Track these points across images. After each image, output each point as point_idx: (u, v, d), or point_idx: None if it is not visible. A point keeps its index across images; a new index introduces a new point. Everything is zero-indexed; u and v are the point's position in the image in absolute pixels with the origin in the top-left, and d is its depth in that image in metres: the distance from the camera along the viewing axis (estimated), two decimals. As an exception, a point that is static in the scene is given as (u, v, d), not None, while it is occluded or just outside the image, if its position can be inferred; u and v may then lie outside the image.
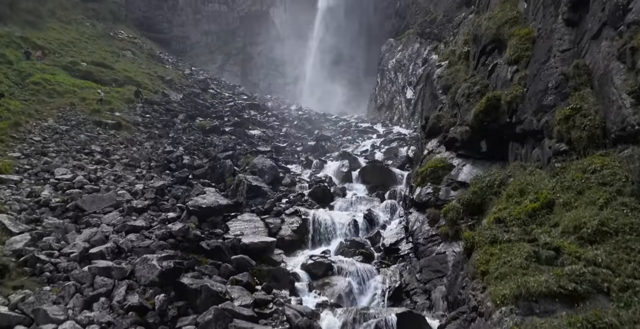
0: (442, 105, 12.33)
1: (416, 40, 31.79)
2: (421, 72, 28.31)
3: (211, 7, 57.65)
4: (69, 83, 17.37)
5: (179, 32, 55.13)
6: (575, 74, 7.90)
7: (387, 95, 33.38)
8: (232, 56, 56.36)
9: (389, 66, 34.25)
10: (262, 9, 58.94)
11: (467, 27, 13.54)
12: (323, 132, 22.00)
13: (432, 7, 31.67)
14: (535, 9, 10.35)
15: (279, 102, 33.59)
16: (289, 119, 24.69)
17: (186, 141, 15.84)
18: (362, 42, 49.94)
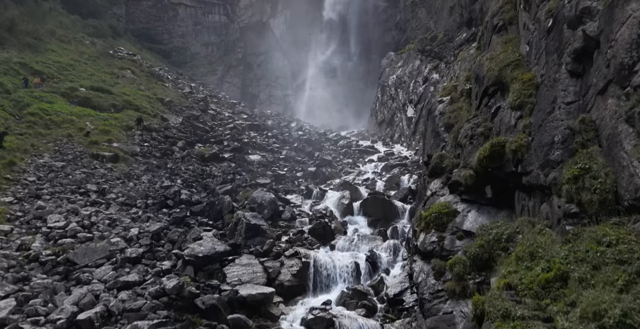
0: (445, 143, 12.07)
1: (417, 56, 31.73)
2: (422, 90, 28.17)
3: (211, 18, 58.00)
4: (67, 111, 17.20)
5: (179, 43, 55.39)
6: (582, 129, 7.66)
7: (387, 111, 33.21)
8: (232, 67, 56.51)
9: (390, 82, 34.15)
10: (262, 20, 59.25)
11: (468, 63, 13.37)
12: (324, 156, 21.73)
13: (433, 25, 31.66)
14: (538, 53, 10.16)
15: (279, 119, 33.42)
16: (289, 140, 24.45)
17: (184, 172, 15.59)
18: (362, 53, 50.07)
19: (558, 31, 9.49)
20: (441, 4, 30.33)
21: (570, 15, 8.92)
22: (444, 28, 28.48)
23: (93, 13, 37.99)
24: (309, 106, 51.33)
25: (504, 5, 12.07)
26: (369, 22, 49.62)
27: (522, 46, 11.13)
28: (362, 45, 50.25)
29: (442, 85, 24.00)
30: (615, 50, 7.11)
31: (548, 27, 9.99)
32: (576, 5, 8.71)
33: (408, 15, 39.26)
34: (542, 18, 10.28)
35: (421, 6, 35.96)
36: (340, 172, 19.70)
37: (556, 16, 9.64)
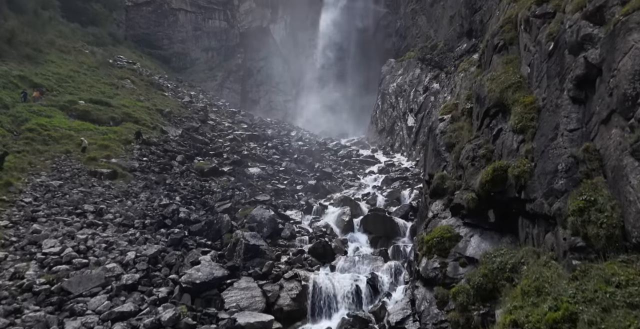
0: (446, 163, 11.91)
1: (417, 65, 31.65)
2: (422, 100, 28.05)
3: (211, 24, 58.14)
4: (66, 126, 17.10)
5: (179, 49, 55.50)
6: (586, 158, 7.52)
7: (387, 120, 33.09)
8: (232, 73, 56.56)
9: (390, 90, 34.06)
10: (262, 25, 59.37)
11: (469, 81, 13.24)
12: (324, 168, 21.57)
13: (433, 33, 31.60)
14: (539, 76, 10.04)
15: (279, 128, 33.28)
16: (289, 151, 24.31)
17: (183, 188, 15.44)
18: (362, 58, 50.05)
19: (559, 56, 9.38)
20: (441, 13, 30.28)
21: (572, 41, 8.81)
22: (444, 37, 28.41)
23: (93, 21, 38.04)
24: (309, 112, 51.27)
25: (504, 25, 11.97)
26: (370, 28, 49.66)
27: (523, 67, 11.01)
28: (363, 51, 50.24)
29: (443, 99, 23.92)
30: (618, 80, 6.98)
31: (549, 50, 9.88)
32: (577, 31, 8.61)
33: (408, 23, 39.26)
34: (543, 41, 10.17)
35: (421, 14, 35.95)
36: (341, 185, 19.53)
37: (557, 40, 9.53)
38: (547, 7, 10.56)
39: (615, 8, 7.99)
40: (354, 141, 35.28)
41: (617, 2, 8.00)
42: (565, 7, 9.96)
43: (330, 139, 34.44)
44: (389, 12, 47.18)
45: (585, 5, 9.02)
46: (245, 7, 58.97)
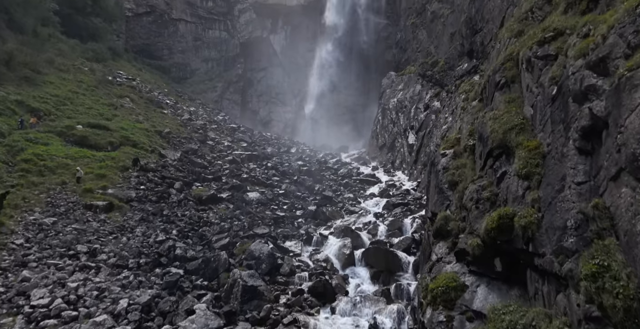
0: (449, 202, 11.63)
1: (417, 81, 31.50)
2: (423, 117, 27.85)
3: (212, 34, 58.32)
4: (62, 154, 16.87)
5: (179, 59, 55.65)
6: (596, 216, 7.22)
7: (388, 136, 32.87)
8: (233, 84, 56.59)
9: (390, 106, 33.88)
10: (262, 35, 59.54)
11: (471, 116, 12.99)
12: (324, 191, 21.28)
13: (433, 49, 31.50)
14: (543, 120, 9.80)
15: (279, 145, 33.06)
16: (289, 171, 24.05)
17: (180, 219, 15.15)
18: (362, 69, 50.04)
19: (563, 102, 9.14)
20: (442, 30, 30.21)
21: (575, 89, 8.58)
22: (445, 54, 28.28)
23: (93, 35, 38.08)
24: (310, 123, 51.18)
25: (506, 62, 11.76)
26: (370, 39, 49.71)
27: (525, 108, 10.77)
28: (363, 62, 50.27)
29: (444, 119, 23.69)
30: (626, 137, 6.73)
31: (552, 95, 9.65)
32: (581, 80, 8.39)
33: (409, 36, 39.24)
34: (546, 84, 9.95)
35: (422, 28, 35.91)
36: (341, 210, 19.23)
37: (560, 86, 9.30)
38: (549, 49, 10.36)
39: (619, 61, 7.78)
40: (354, 156, 35.03)
41: (620, 55, 7.80)
42: (567, 51, 9.76)
43: (331, 155, 34.19)
44: (389, 24, 47.23)
45: (588, 52, 8.83)
46: (246, 18, 59.19)
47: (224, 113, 44.65)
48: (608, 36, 8.21)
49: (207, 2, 58.56)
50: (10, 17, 26.42)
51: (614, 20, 8.30)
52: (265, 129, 54.73)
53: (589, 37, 9.09)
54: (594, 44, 8.66)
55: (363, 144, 43.87)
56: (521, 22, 12.87)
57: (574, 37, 9.80)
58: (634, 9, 7.77)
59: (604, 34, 8.47)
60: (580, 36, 9.55)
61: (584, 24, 9.62)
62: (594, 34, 9.01)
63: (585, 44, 8.92)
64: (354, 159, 34.03)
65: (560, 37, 10.32)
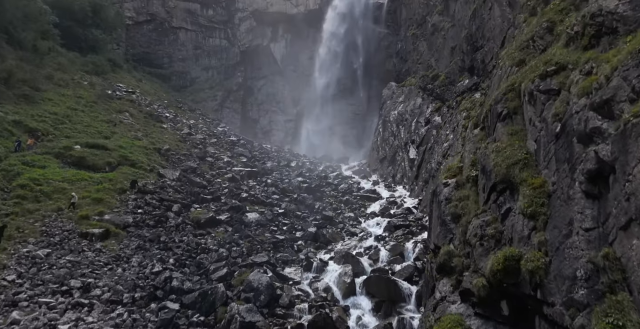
0: (453, 236, 11.39)
1: (418, 94, 31.34)
2: (424, 132, 27.65)
3: (212, 42, 58.36)
4: (59, 178, 16.69)
5: (179, 68, 55.69)
6: (607, 267, 6.97)
7: (389, 148, 32.66)
8: (233, 92, 56.52)
9: (391, 118, 33.70)
10: (263, 43, 59.56)
11: (473, 145, 12.78)
12: (324, 210, 21.02)
13: (434, 62, 31.36)
14: (547, 156, 9.58)
15: (279, 158, 32.85)
16: (289, 189, 23.82)
17: (177, 246, 14.91)
18: (363, 78, 49.98)
19: (567, 141, 8.94)
20: (442, 43, 30.09)
21: (580, 130, 8.38)
22: (446, 68, 28.14)
23: (93, 47, 38.08)
24: (310, 132, 51.00)
25: (507, 92, 11.57)
26: (370, 48, 49.68)
27: (529, 142, 10.57)
28: (363, 70, 50.22)
29: (445, 136, 23.48)
30: (635, 187, 6.53)
31: (556, 132, 9.44)
32: (585, 122, 8.19)
33: (409, 47, 39.14)
34: (549, 120, 9.75)
35: (422, 39, 35.80)
36: (342, 231, 18.98)
37: (564, 124, 9.10)
38: (552, 83, 10.18)
39: (623, 104, 7.59)
40: (355, 169, 34.80)
41: (625, 99, 7.62)
42: (570, 87, 9.57)
43: (331, 168, 33.97)
44: (390, 33, 47.18)
45: (592, 91, 8.65)
46: (246, 26, 59.26)
47: (224, 124, 44.53)
48: (612, 78, 8.05)
49: (207, 11, 58.68)
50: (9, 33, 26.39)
51: (618, 61, 8.15)
52: (266, 138, 54.59)
53: (592, 76, 8.95)
54: (597, 83, 8.50)
55: (364, 154, 43.64)
56: (522, 51, 12.73)
57: (576, 73, 9.64)
58: (637, 52, 7.60)
59: (607, 74, 8.30)
60: (583, 73, 9.39)
61: (586, 61, 9.48)
62: (597, 73, 8.86)
63: (589, 82, 8.76)
64: (354, 171, 33.81)
65: (562, 71, 10.17)
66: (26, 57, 26.67)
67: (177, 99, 46.57)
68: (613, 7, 9.11)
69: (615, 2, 9.17)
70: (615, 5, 9.10)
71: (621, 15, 8.88)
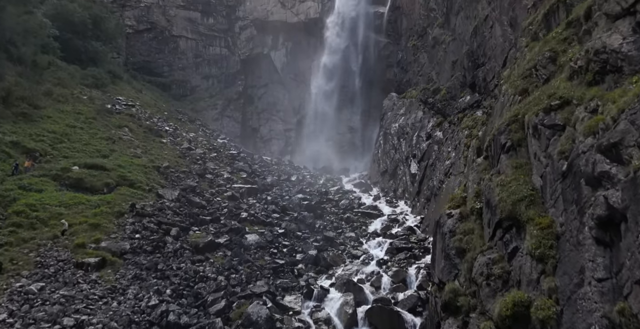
0: (458, 272, 11.09)
1: (419, 107, 31.16)
2: (425, 147, 27.43)
3: (212, 51, 58.31)
4: (56, 202, 16.45)
5: (179, 76, 55.65)
6: (623, 324, 6.66)
7: (390, 162, 32.42)
8: (233, 101, 56.34)
9: (392, 131, 33.49)
10: (263, 52, 59.55)
11: (477, 174, 12.52)
12: (325, 231, 20.72)
13: (435, 76, 31.24)
14: (554, 195, 9.32)
15: (279, 172, 32.62)
16: (290, 206, 23.56)
17: (175, 274, 14.62)
18: (363, 87, 49.85)
19: (575, 182, 8.68)
20: (443, 57, 29.97)
21: (588, 172, 8.12)
22: (447, 82, 27.99)
23: (93, 59, 38.06)
24: (310, 141, 50.78)
25: (511, 123, 11.34)
26: (371, 57, 49.60)
27: (534, 177, 10.31)
28: (364, 79, 50.12)
29: (447, 153, 23.26)
30: None
31: (562, 170, 9.18)
32: (593, 164, 7.94)
33: (410, 58, 39.06)
34: (555, 157, 9.49)
35: (423, 51, 35.72)
36: (343, 254, 18.68)
37: (571, 164, 8.85)
38: (556, 118, 9.97)
39: (632, 149, 7.35)
40: (356, 181, 34.54)
41: (633, 143, 7.38)
42: (575, 124, 9.35)
43: (332, 181, 33.72)
44: (390, 43, 47.14)
45: (598, 131, 8.43)
46: (247, 34, 59.27)
47: (224, 135, 44.34)
48: (619, 120, 7.84)
49: (208, 19, 58.74)
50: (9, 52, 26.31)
51: (624, 103, 7.95)
52: (266, 147, 54.36)
53: (598, 115, 8.76)
54: (603, 123, 8.29)
55: (364, 165, 43.39)
56: (525, 79, 12.54)
57: (581, 110, 9.43)
58: (643, 95, 7.41)
59: (614, 116, 8.09)
60: (589, 111, 9.19)
61: (591, 98, 9.28)
62: (603, 112, 8.67)
63: (595, 122, 8.56)
64: (355, 184, 33.54)
65: (566, 106, 9.97)
66: (25, 73, 26.57)
67: (177, 109, 46.43)
68: (617, 46, 8.94)
69: (619, 40, 8.99)
70: (620, 44, 8.93)
71: (626, 55, 8.70)
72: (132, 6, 54.95)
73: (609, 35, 9.33)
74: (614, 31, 9.31)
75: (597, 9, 10.30)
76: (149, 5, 55.88)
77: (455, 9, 28.07)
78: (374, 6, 49.64)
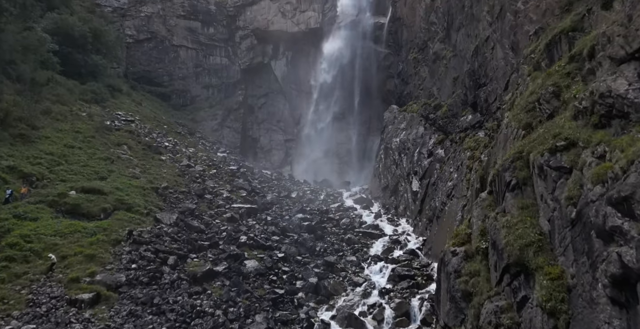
0: (464, 317, 10.72)
1: (420, 122, 30.87)
2: (427, 164, 27.10)
3: (212, 60, 58.25)
4: (52, 231, 16.14)
5: (179, 86, 55.54)
6: None
7: (391, 177, 32.08)
8: (233, 111, 56.13)
9: (393, 146, 33.19)
10: (263, 61, 59.52)
11: (481, 210, 12.19)
12: (326, 256, 20.32)
13: (436, 91, 30.99)
14: (563, 241, 9.00)
15: (279, 188, 32.29)
16: (290, 227, 23.21)
17: (171, 310, 14.24)
18: (364, 98, 49.67)
19: (585, 233, 8.36)
20: (444, 72, 29.74)
21: (599, 224, 7.82)
22: (448, 98, 27.73)
23: (92, 72, 37.94)
24: (311, 152, 50.47)
25: (515, 160, 11.04)
26: (371, 67, 49.46)
27: (541, 220, 9.99)
28: (364, 90, 49.96)
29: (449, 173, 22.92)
30: None
31: (571, 218, 8.87)
32: (604, 217, 7.64)
33: (410, 70, 38.85)
34: (563, 202, 9.18)
35: (423, 65, 35.51)
36: (344, 281, 18.29)
37: (580, 212, 8.54)
38: (562, 161, 9.68)
39: None
40: (357, 196, 34.17)
41: None
42: (582, 168, 9.06)
43: (332, 196, 33.37)
44: (391, 53, 47.02)
45: (607, 180, 8.15)
46: (247, 44, 59.25)
47: (224, 147, 44.09)
48: (629, 172, 7.55)
49: (208, 29, 58.77)
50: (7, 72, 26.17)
51: (633, 154, 7.69)
52: (266, 158, 54.04)
53: (606, 162, 8.51)
54: (612, 173, 8.01)
55: (365, 176, 43.03)
56: (528, 113, 12.29)
57: (588, 153, 9.15)
58: (654, 148, 7.13)
59: (623, 166, 7.81)
60: (596, 156, 8.92)
61: (598, 142, 9.02)
62: (611, 159, 8.40)
63: (603, 169, 8.29)
64: (356, 200, 33.18)
65: (572, 148, 9.71)
66: (24, 91, 26.40)
67: (176, 120, 46.27)
68: (623, 92, 8.69)
69: (625, 86, 8.75)
70: (626, 90, 8.69)
71: (632, 102, 8.45)
72: (133, 16, 55.04)
73: (614, 79, 9.10)
74: (619, 75, 9.08)
75: (601, 49, 10.08)
76: (150, 15, 55.95)
77: (456, 26, 27.90)
78: (375, 16, 49.58)
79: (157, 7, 56.21)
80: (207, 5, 58.48)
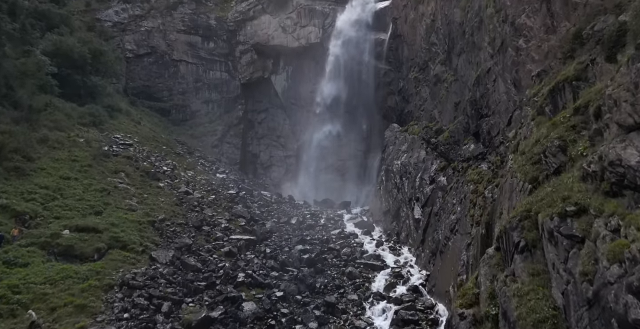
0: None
1: (422, 146, 30.42)
2: (429, 192, 26.57)
3: (212, 75, 58.21)
4: (42, 278, 15.66)
5: (179, 101, 55.40)
6: None
7: (392, 201, 31.54)
8: (233, 126, 55.85)
9: (394, 168, 32.71)
10: (264, 75, 59.49)
11: (489, 268, 11.65)
12: (326, 295, 19.71)
13: (437, 115, 30.62)
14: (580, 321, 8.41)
15: (279, 213, 31.78)
16: (289, 261, 22.65)
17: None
18: (364, 114, 49.36)
19: (605, 319, 7.75)
20: (445, 96, 29.40)
21: (620, 313, 7.23)
22: (449, 123, 27.32)
23: (91, 93, 37.83)
24: (311, 168, 50.02)
25: (523, 219, 10.55)
26: (372, 83, 49.27)
27: (554, 290, 9.43)
28: (364, 106, 49.65)
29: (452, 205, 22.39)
30: None
31: (588, 297, 8.32)
32: (625, 306, 7.08)
33: (411, 89, 38.57)
34: (577, 277, 8.63)
35: (424, 85, 35.22)
36: (346, 325, 17.66)
37: (597, 293, 7.97)
38: (574, 228, 9.18)
39: None
40: (357, 220, 33.60)
41: None
42: (595, 240, 8.54)
43: (333, 220, 32.81)
44: (391, 70, 46.83)
45: (624, 260, 7.64)
46: (247, 59, 59.29)
47: (223, 166, 43.70)
48: None
49: (208, 43, 58.88)
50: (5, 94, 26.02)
51: None
52: (266, 174, 53.59)
53: (621, 238, 8.02)
54: (629, 254, 7.49)
55: (366, 195, 42.51)
56: (534, 166, 11.84)
57: (601, 224, 8.65)
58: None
59: (640, 248, 7.31)
60: (610, 229, 8.42)
61: (610, 214, 8.54)
62: (627, 236, 7.92)
63: (619, 247, 7.78)
64: (357, 224, 32.61)
65: (583, 214, 9.21)
66: (21, 118, 26.18)
67: (176, 138, 46.02)
68: (635, 164, 8.24)
69: (636, 157, 8.31)
70: (637, 162, 8.24)
71: (644, 176, 7.98)
72: (133, 30, 55.25)
73: (624, 148, 8.68)
74: (629, 144, 8.67)
75: (607, 111, 9.68)
76: (150, 29, 56.16)
77: (457, 50, 27.62)
78: (375, 32, 49.52)
79: (157, 22, 56.41)
80: (207, 20, 58.68)
